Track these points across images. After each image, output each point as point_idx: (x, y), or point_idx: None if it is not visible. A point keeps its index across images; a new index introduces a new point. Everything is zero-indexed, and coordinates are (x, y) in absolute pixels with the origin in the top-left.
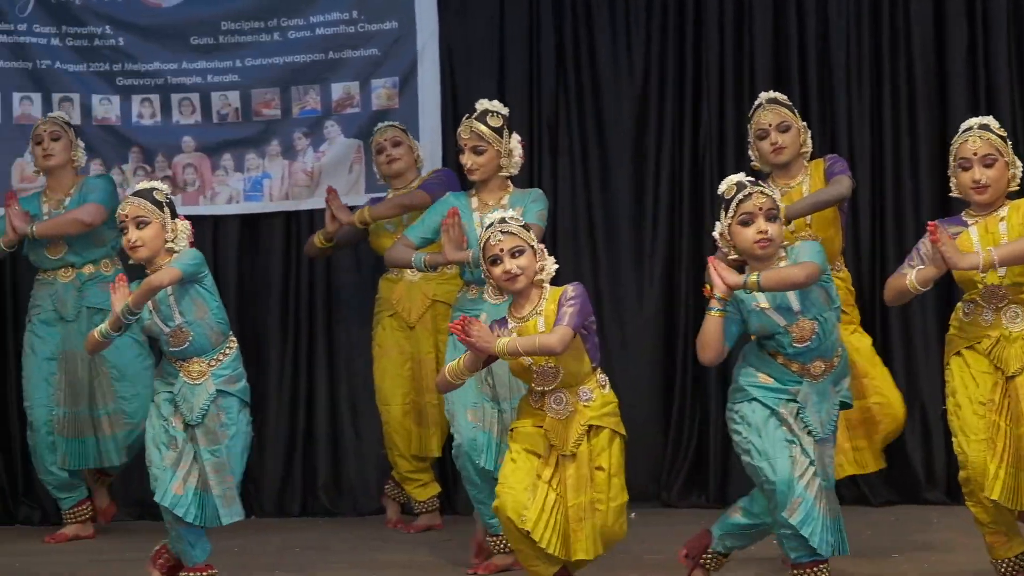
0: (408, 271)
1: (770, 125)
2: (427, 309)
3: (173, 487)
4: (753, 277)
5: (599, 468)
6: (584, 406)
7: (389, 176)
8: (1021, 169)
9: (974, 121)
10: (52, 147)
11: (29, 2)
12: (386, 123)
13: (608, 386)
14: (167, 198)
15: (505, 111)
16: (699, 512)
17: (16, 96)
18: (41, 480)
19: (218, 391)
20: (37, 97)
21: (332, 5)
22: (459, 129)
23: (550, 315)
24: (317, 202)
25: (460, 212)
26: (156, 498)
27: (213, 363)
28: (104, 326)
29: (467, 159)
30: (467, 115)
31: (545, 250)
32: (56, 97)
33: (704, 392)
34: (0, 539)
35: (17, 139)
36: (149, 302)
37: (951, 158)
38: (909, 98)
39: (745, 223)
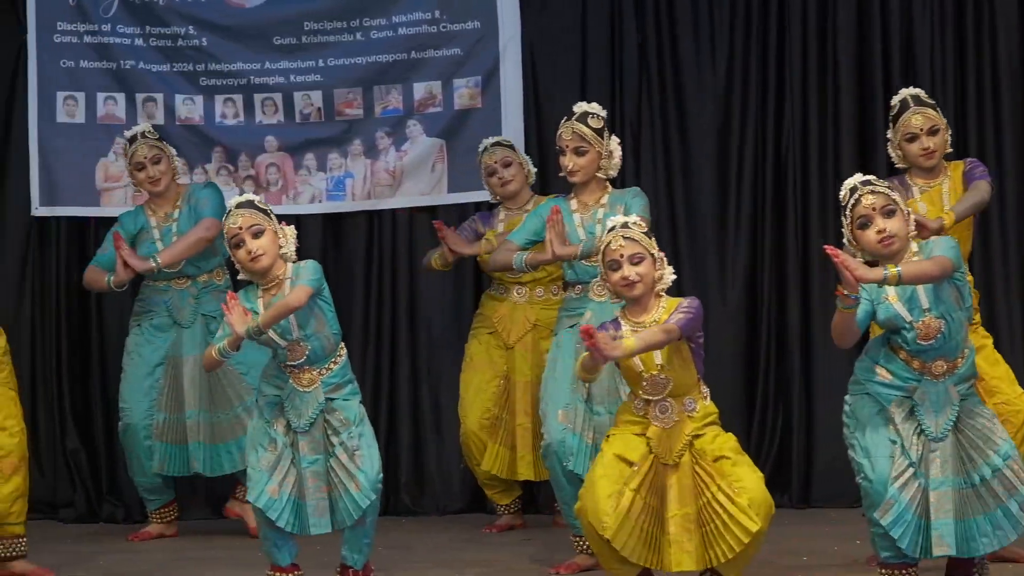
0: (515, 292)
1: (920, 129)
2: (527, 332)
3: (268, 489)
4: (893, 270)
5: (723, 458)
6: (688, 416)
7: (504, 197)
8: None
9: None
10: (155, 171)
11: (113, 2)
12: (492, 140)
13: (709, 397)
14: (267, 206)
15: (604, 113)
16: (781, 513)
17: (100, 96)
18: (134, 481)
19: (327, 399)
20: (121, 97)
21: (414, 5)
22: (560, 131)
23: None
24: (399, 201)
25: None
26: (249, 498)
27: (324, 371)
28: (223, 345)
29: (568, 161)
30: (566, 117)
31: (665, 259)
32: (140, 97)
33: (787, 393)
34: (84, 536)
35: (102, 139)
36: None
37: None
38: (994, 91)
39: (863, 226)
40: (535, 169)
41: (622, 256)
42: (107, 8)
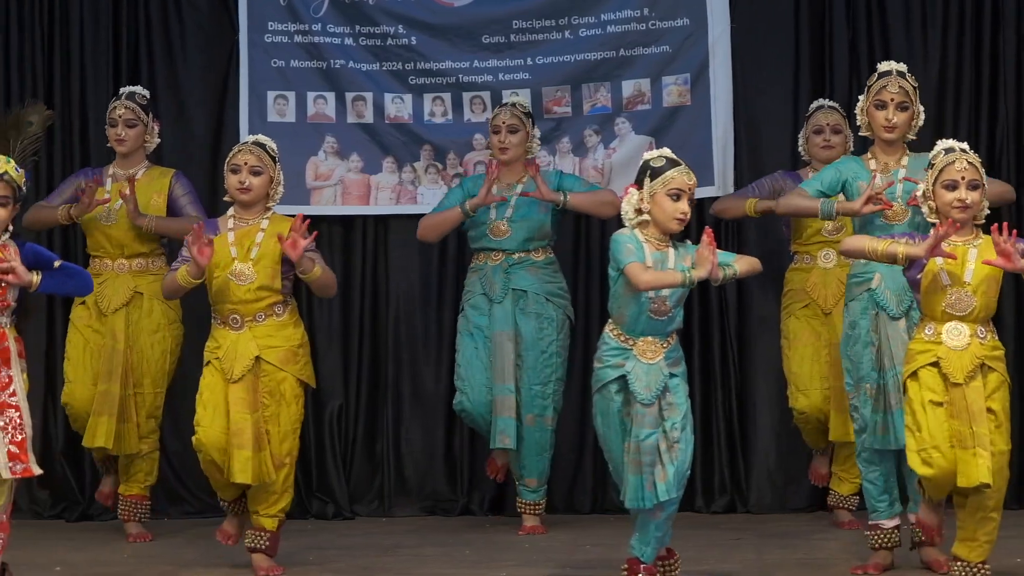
0: (820, 258)
1: None
2: (844, 294)
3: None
4: None
5: (989, 411)
6: (979, 342)
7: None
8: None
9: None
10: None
11: (324, 2)
12: (825, 103)
13: (996, 334)
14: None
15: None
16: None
17: (310, 95)
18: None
19: (670, 374)
20: (331, 96)
21: (623, 3)
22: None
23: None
24: None
25: (858, 173)
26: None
27: (665, 345)
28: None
29: (892, 114)
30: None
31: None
32: (349, 96)
33: None
34: (295, 532)
35: (311, 137)
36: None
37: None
38: None
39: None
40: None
41: (963, 178)
42: (317, 8)
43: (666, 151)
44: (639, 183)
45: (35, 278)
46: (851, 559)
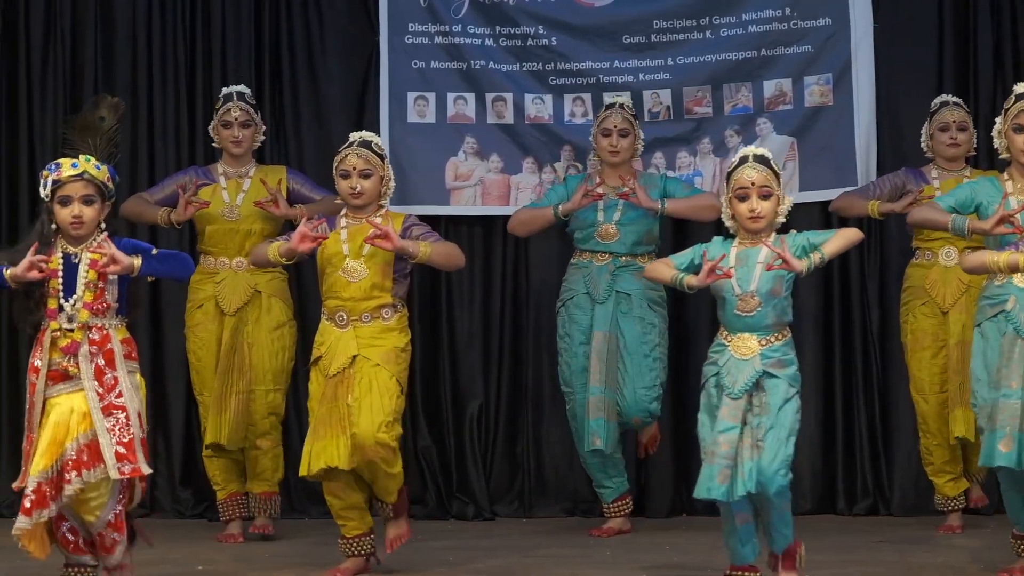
0: (941, 256)
1: None
2: (962, 294)
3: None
4: None
5: None
6: None
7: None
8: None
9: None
10: (621, 144)
11: (464, 3)
12: (949, 99)
13: None
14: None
15: None
16: None
17: (450, 96)
18: (587, 465)
19: (764, 372)
20: (471, 97)
21: (765, 2)
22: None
23: None
24: None
25: (993, 196)
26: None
27: (764, 343)
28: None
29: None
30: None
31: None
32: (489, 97)
33: None
34: (436, 533)
35: (451, 138)
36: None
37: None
38: None
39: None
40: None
41: None
42: (457, 9)
43: (751, 148)
44: None
45: (136, 261)
46: (996, 563)
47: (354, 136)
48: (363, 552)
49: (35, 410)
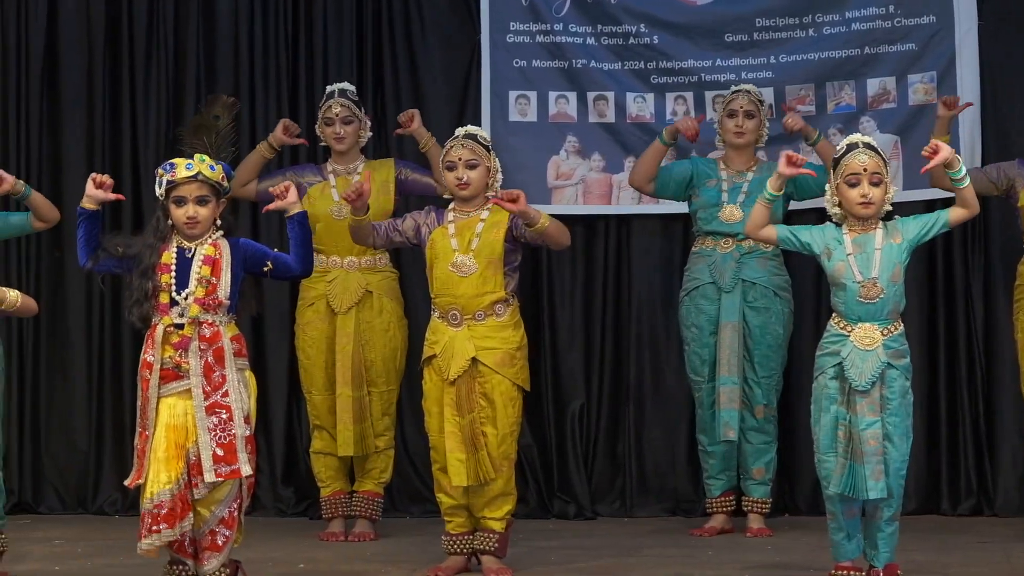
0: None
1: None
2: None
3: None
4: None
5: None
6: None
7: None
8: None
9: None
10: (748, 125)
11: (565, 2)
12: None
13: None
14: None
15: None
16: None
17: (552, 95)
18: (703, 458)
19: (887, 363)
20: (572, 96)
21: (868, 0)
22: None
23: None
24: None
25: None
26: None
27: (885, 332)
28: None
29: None
30: None
31: None
32: (591, 96)
33: None
34: (538, 533)
35: (553, 137)
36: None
37: None
38: None
39: None
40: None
41: None
42: (559, 8)
43: (857, 136)
44: None
45: (297, 206)
46: None
47: (460, 129)
48: (465, 550)
49: (148, 406)
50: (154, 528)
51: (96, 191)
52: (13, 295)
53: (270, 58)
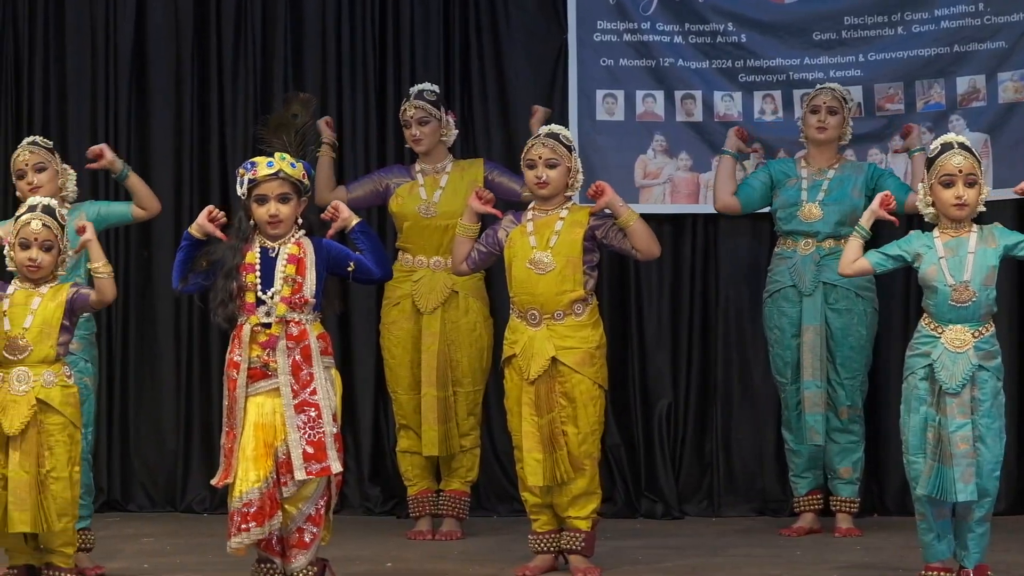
0: None
1: None
2: None
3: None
4: None
5: None
6: None
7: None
8: None
9: None
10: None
11: (652, 1)
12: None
13: None
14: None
15: None
16: None
17: (639, 94)
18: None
19: (978, 365)
20: (659, 95)
21: None
22: None
23: None
24: None
25: None
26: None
27: (976, 334)
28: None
29: None
30: None
31: None
32: (678, 95)
33: None
34: (623, 532)
35: (640, 135)
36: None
37: None
38: None
39: None
40: None
41: None
42: (646, 6)
43: (951, 136)
44: None
45: (354, 218)
46: None
47: (543, 128)
48: (553, 549)
49: (236, 406)
50: (243, 527)
51: (207, 223)
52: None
53: (357, 58)
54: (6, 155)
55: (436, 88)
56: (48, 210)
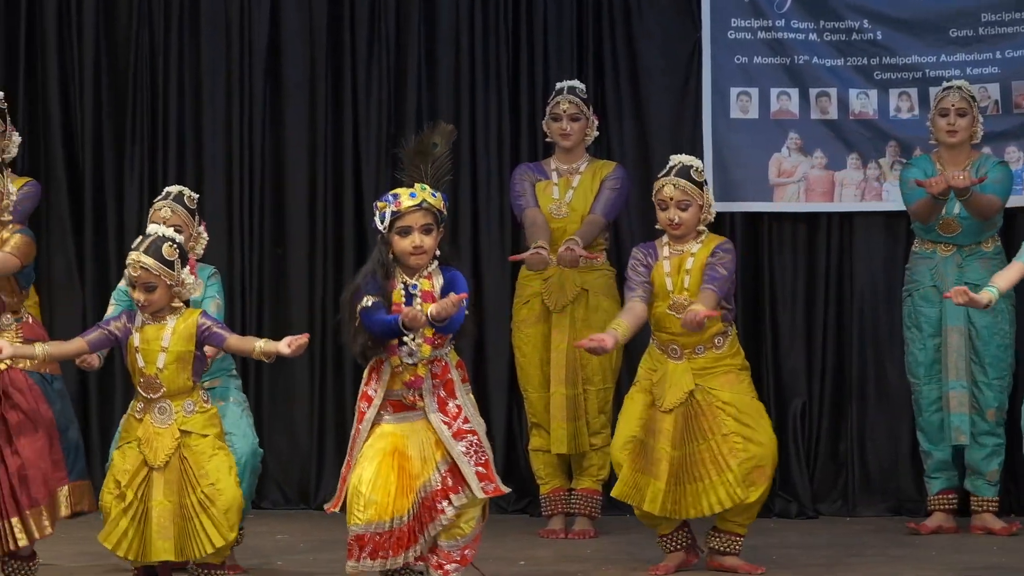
0: None
1: None
2: None
3: None
4: None
5: None
6: None
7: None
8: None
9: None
10: (960, 123)
11: None
12: None
13: None
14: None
15: None
16: None
17: (773, 92)
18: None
19: None
20: (794, 92)
21: None
22: None
23: None
24: None
25: None
26: None
27: None
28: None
29: None
30: None
31: None
32: (813, 92)
33: None
34: (757, 531)
35: (775, 134)
36: None
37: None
38: None
39: None
40: None
41: None
42: (781, 4)
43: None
44: None
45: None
46: None
47: (673, 160)
48: (681, 546)
49: (360, 437)
50: (380, 554)
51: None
52: (260, 346)
53: (490, 56)
54: (143, 151)
55: (583, 87)
56: (154, 250)
